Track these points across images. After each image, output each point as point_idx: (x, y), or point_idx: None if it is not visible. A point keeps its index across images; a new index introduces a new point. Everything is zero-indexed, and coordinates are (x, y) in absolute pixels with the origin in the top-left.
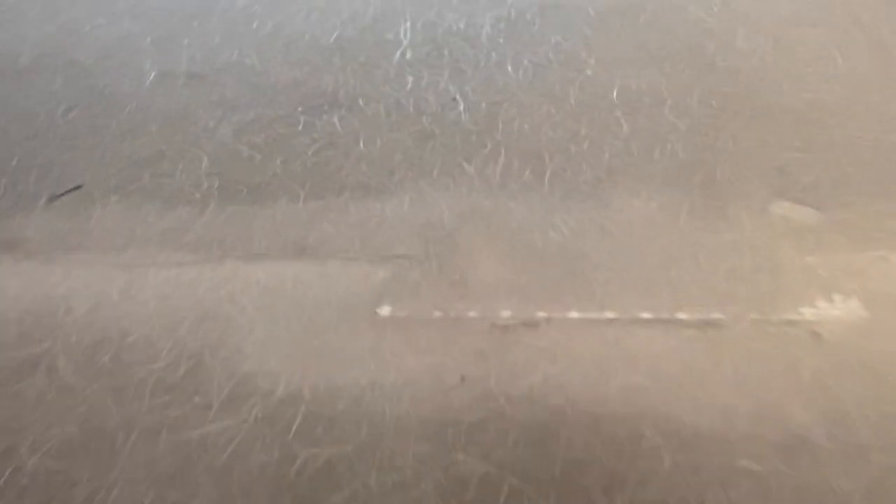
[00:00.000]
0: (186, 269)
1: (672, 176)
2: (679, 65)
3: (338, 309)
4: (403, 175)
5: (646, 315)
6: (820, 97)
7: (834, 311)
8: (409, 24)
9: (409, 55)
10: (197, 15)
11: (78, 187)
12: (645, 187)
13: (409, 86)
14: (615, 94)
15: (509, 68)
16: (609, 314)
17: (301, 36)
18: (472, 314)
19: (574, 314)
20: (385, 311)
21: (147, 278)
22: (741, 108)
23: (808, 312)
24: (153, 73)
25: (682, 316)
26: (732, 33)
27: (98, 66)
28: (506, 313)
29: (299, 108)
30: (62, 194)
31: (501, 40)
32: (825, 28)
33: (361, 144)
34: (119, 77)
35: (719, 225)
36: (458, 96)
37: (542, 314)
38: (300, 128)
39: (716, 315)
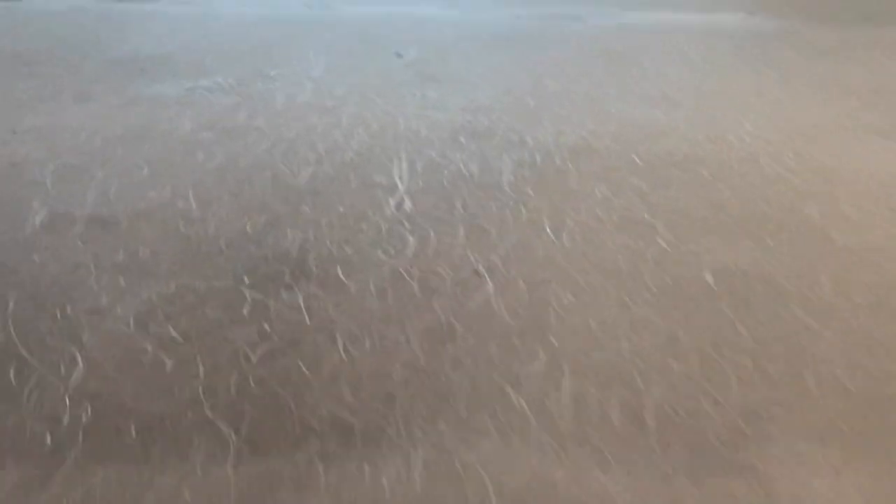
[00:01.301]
0: None
1: (848, 428)
2: (782, 237)
3: None
4: (408, 411)
5: None
6: None
7: None
8: (404, 163)
9: (407, 206)
10: (124, 137)
11: None
12: (819, 451)
13: (411, 250)
14: (710, 276)
15: (548, 230)
16: None
17: (260, 172)
18: None
19: None
20: None
21: None
22: (892, 303)
23: None
24: (42, 215)
25: None
26: (832, 196)
27: None
28: None
29: (246, 279)
30: None
31: (530, 191)
32: None
33: (340, 346)
34: None
35: None
36: (481, 268)
37: None
38: (245, 312)
39: None
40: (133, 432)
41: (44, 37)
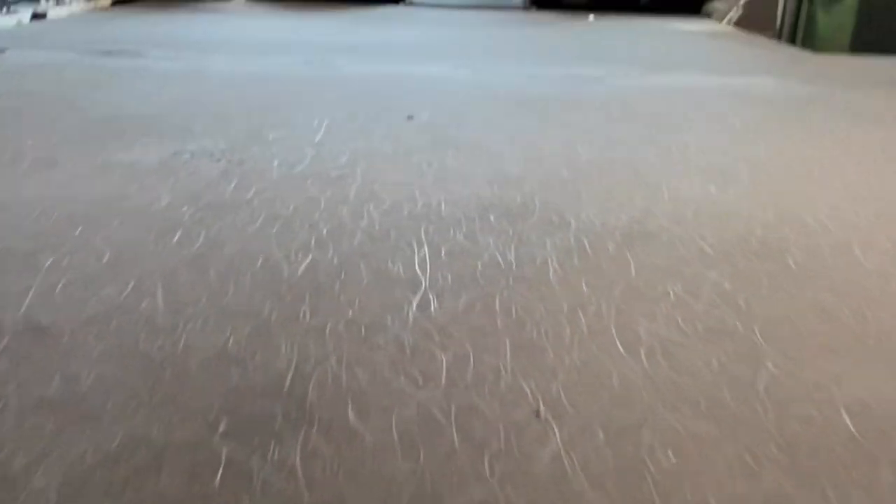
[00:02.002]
0: None
1: None
2: None
3: None
4: None
5: None
6: None
7: None
8: (426, 248)
9: (434, 307)
10: (86, 214)
11: None
12: None
13: (444, 376)
14: (847, 417)
15: (619, 345)
16: None
17: (249, 261)
18: None
19: None
20: None
21: None
22: None
23: None
24: None
25: None
26: None
27: None
28: None
29: (221, 425)
30: None
31: (584, 287)
32: None
33: None
34: None
35: None
36: (542, 407)
37: None
38: (216, 481)
39: None
40: None
41: (14, 93)
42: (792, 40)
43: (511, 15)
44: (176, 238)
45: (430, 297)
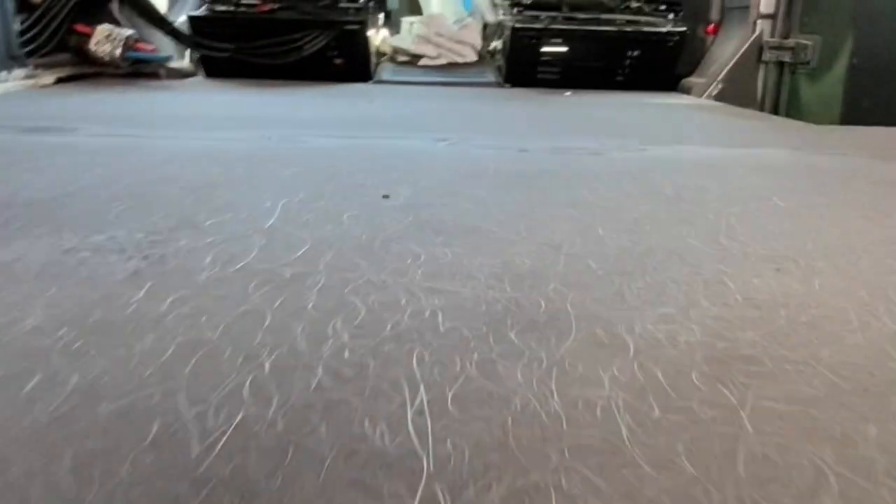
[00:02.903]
0: None
1: None
2: None
3: None
4: None
5: None
6: None
7: None
8: (422, 393)
9: None
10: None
11: None
12: None
13: None
14: None
15: None
16: None
17: (138, 430)
18: None
19: None
20: None
21: None
22: None
23: None
24: None
25: None
26: None
27: None
28: None
29: None
30: None
31: (688, 464)
32: None
33: None
34: None
35: None
36: None
37: None
38: None
39: None
40: None
41: None
42: (774, 112)
43: (484, 91)
44: (29, 387)
45: (438, 489)
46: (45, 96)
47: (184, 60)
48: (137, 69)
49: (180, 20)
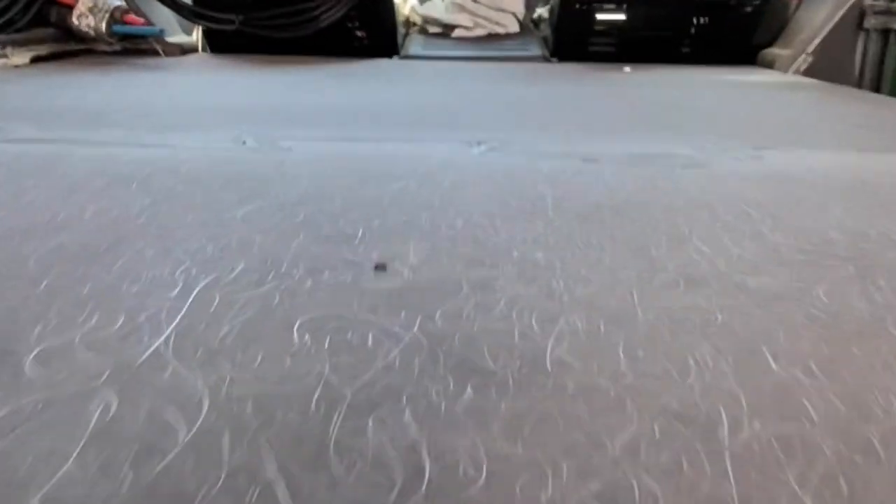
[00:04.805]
0: None
1: None
2: None
3: None
4: None
5: None
6: None
7: None
8: None
9: None
10: None
11: None
12: None
13: None
14: None
15: None
16: None
17: None
18: None
19: None
20: None
21: None
22: None
23: None
24: None
25: None
26: None
27: None
28: None
29: None
30: None
31: None
32: None
33: None
34: None
35: None
36: None
37: None
38: None
39: None
40: None
41: None
42: (876, 90)
43: (529, 67)
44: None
45: None
46: (4, 81)
47: (192, 35)
48: (130, 45)
49: None
